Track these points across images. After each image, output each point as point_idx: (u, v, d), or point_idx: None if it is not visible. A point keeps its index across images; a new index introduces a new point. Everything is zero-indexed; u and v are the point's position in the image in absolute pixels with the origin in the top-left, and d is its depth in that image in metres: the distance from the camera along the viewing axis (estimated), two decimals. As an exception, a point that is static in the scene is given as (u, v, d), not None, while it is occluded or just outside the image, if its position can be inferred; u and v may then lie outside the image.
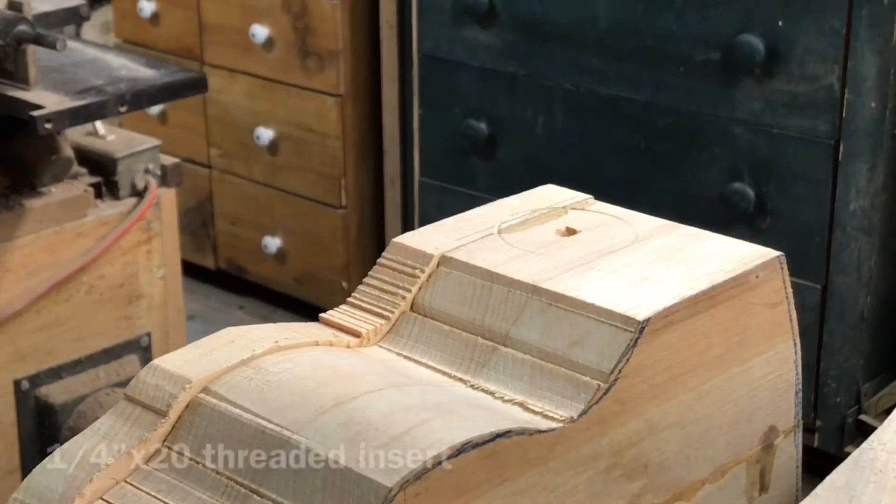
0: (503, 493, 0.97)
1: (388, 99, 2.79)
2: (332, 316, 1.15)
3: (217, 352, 1.06)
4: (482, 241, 1.17)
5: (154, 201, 2.16)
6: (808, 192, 2.25)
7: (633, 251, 1.16)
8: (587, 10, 2.42)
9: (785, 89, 2.24)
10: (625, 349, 1.03)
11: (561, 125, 2.51)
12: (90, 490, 1.00)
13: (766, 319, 1.15)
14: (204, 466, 0.99)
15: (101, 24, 3.38)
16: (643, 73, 2.38)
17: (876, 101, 2.16)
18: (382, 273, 1.16)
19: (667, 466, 1.09)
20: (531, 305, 1.08)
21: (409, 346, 1.12)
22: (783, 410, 1.18)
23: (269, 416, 0.99)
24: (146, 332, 2.19)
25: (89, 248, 2.10)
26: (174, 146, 2.85)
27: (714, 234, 1.20)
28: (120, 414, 1.04)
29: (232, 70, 2.94)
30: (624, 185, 2.43)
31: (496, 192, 1.67)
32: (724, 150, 2.33)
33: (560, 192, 1.28)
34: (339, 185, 2.86)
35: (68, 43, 2.00)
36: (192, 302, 2.93)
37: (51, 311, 2.07)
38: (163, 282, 2.20)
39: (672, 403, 1.08)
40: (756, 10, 2.24)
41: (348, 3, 2.76)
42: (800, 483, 1.21)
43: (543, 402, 1.03)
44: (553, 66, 2.49)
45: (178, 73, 2.16)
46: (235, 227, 3.04)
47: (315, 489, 0.94)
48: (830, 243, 2.25)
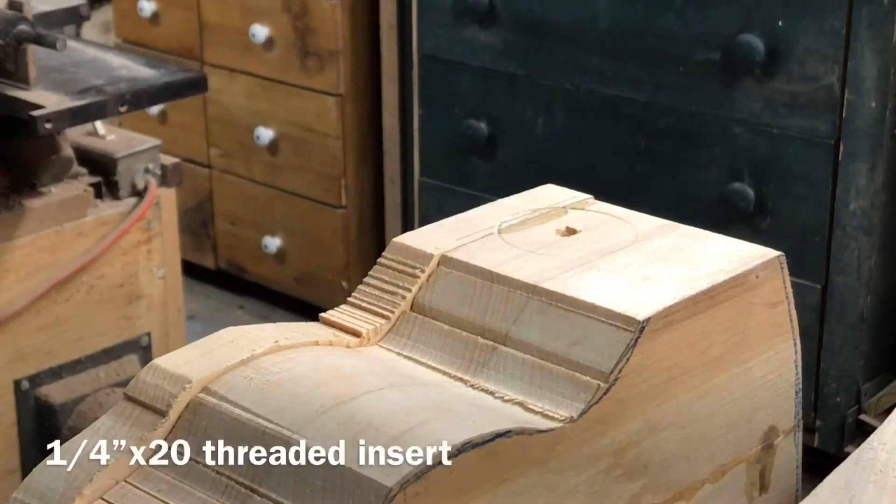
0: (503, 493, 0.97)
1: (388, 99, 2.79)
2: (332, 316, 1.15)
3: (217, 352, 1.06)
4: (482, 241, 1.17)
5: (154, 201, 2.16)
6: (808, 192, 2.25)
7: (633, 251, 1.16)
8: (587, 10, 2.42)
9: (785, 89, 2.24)
10: (625, 349, 1.03)
11: (561, 125, 2.51)
12: (90, 490, 1.00)
13: (766, 319, 1.15)
14: (204, 466, 0.99)
15: (101, 24, 3.38)
16: (643, 73, 2.38)
17: (876, 101, 2.16)
18: (382, 273, 1.16)
19: (667, 466, 1.09)
20: (531, 305, 1.08)
21: (409, 345, 1.12)
22: (783, 410, 1.18)
23: (269, 415, 0.99)
24: (146, 332, 2.19)
25: (89, 248, 2.10)
26: (174, 146, 2.85)
27: (714, 234, 1.20)
28: (120, 414, 1.04)
29: (232, 70, 2.94)
30: (624, 185, 2.43)
31: (496, 192, 1.67)
32: (724, 150, 2.33)
33: (560, 192, 1.28)
34: (339, 185, 2.86)
35: (68, 43, 2.00)
36: (192, 302, 2.93)
37: (51, 311, 2.07)
38: (163, 282, 2.20)
39: (672, 403, 1.08)
40: (756, 10, 2.24)
41: (348, 3, 2.76)
42: (800, 483, 1.21)
43: (543, 402, 1.03)
44: (553, 66, 2.49)
45: (178, 72, 2.16)
46: (235, 227, 3.05)
47: (315, 489, 0.94)
48: (830, 243, 2.25)
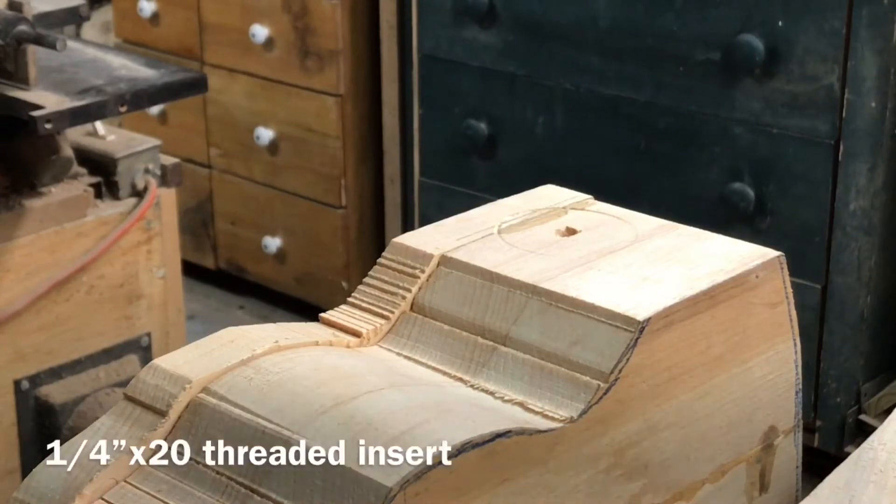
0: (503, 493, 0.97)
1: (388, 99, 2.79)
2: (332, 316, 1.14)
3: (217, 352, 1.06)
4: (482, 241, 1.17)
5: (154, 201, 2.16)
6: (808, 192, 2.25)
7: (633, 251, 1.16)
8: (587, 10, 2.42)
9: (785, 89, 2.24)
10: (625, 349, 1.03)
11: (561, 125, 2.51)
12: (90, 490, 1.00)
13: (766, 319, 1.15)
14: (204, 466, 0.99)
15: (101, 24, 3.38)
16: (643, 73, 2.38)
17: (876, 101, 2.16)
18: (382, 273, 1.16)
19: (667, 466, 1.09)
20: (531, 305, 1.08)
21: (409, 346, 1.12)
22: (783, 410, 1.18)
23: (269, 416, 0.99)
24: (146, 332, 2.19)
25: (89, 248, 2.10)
26: (174, 146, 2.85)
27: (714, 234, 1.20)
28: (120, 414, 1.04)
29: (232, 70, 2.94)
30: (624, 185, 2.43)
31: (496, 192, 1.67)
32: (724, 150, 2.33)
33: (560, 192, 1.28)
34: (339, 185, 2.86)
35: (68, 43, 2.00)
36: (192, 302, 2.93)
37: (51, 311, 2.07)
38: (163, 282, 2.20)
39: (672, 403, 1.08)
40: (756, 10, 2.24)
41: (348, 3, 2.76)
42: (800, 483, 1.21)
43: (543, 402, 1.03)
44: (553, 66, 2.49)
45: (178, 73, 2.16)
46: (235, 227, 3.04)
47: (315, 489, 0.94)
48: (830, 243, 2.25)
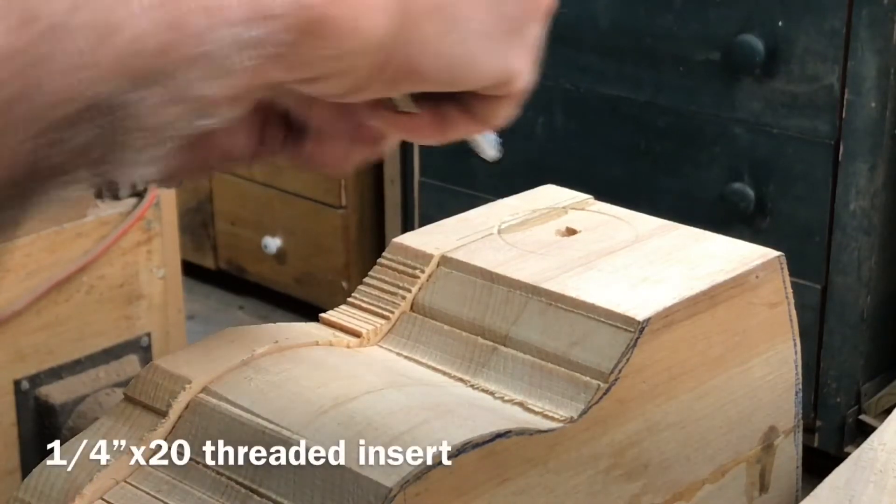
0: (503, 493, 0.97)
1: (388, 99, 2.79)
2: (332, 316, 1.14)
3: (217, 352, 1.06)
4: (482, 241, 1.17)
5: (154, 201, 2.16)
6: (808, 192, 2.25)
7: (633, 251, 1.16)
8: (587, 10, 2.42)
9: (785, 89, 2.24)
10: (625, 349, 1.03)
11: (561, 125, 2.51)
12: (90, 490, 0.99)
13: (766, 319, 1.14)
14: (204, 466, 0.99)
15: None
16: (643, 73, 2.38)
17: (876, 101, 2.16)
18: (382, 273, 1.15)
19: (667, 466, 1.09)
20: (531, 305, 1.08)
21: (409, 346, 1.11)
22: (783, 411, 1.18)
23: (269, 416, 0.98)
24: (146, 332, 2.19)
25: (89, 248, 2.10)
26: (174, 146, 2.84)
27: (714, 234, 1.19)
28: (120, 414, 1.04)
29: (232, 70, 2.93)
30: (624, 185, 2.43)
31: (496, 192, 1.66)
32: (724, 150, 2.33)
33: (560, 192, 1.28)
34: (339, 185, 2.85)
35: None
36: (192, 302, 2.93)
37: (51, 311, 2.07)
38: (163, 282, 2.20)
39: (672, 403, 1.08)
40: (756, 10, 2.24)
41: (348, 3, 2.75)
42: (800, 483, 1.21)
43: (543, 402, 1.03)
44: (553, 66, 2.49)
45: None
46: (235, 227, 3.04)
47: (315, 489, 0.94)
48: (830, 243, 2.25)
